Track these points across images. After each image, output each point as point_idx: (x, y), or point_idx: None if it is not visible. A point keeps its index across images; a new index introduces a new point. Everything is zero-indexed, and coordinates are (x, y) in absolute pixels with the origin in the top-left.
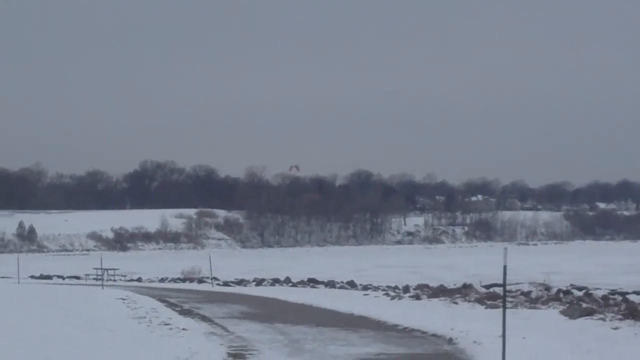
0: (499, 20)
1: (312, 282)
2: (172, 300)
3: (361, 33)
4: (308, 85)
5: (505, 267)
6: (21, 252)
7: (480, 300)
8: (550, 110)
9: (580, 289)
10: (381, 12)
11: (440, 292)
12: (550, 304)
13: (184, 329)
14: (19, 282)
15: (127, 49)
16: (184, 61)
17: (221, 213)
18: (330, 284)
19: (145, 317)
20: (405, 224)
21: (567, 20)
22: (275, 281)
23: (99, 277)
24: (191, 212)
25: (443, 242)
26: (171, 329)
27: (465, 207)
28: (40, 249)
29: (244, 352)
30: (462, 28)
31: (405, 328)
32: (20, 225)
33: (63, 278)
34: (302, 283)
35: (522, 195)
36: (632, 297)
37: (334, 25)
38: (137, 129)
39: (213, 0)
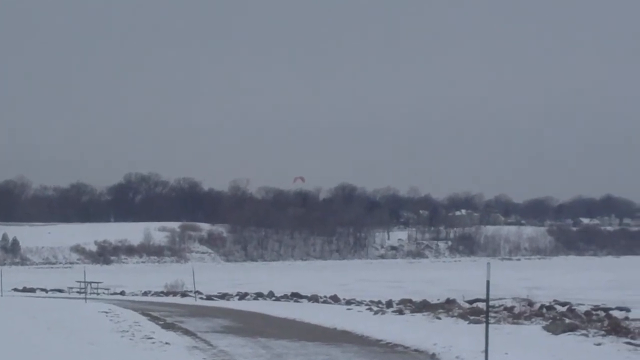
0: (483, 39)
1: (296, 296)
2: (155, 314)
3: (345, 47)
4: (292, 100)
5: (488, 282)
6: (4, 264)
7: (463, 316)
8: (534, 125)
9: (563, 304)
10: (367, 28)
11: (423, 307)
12: (533, 319)
13: (167, 343)
14: (1, 295)
15: (110, 61)
16: (168, 74)
17: (205, 226)
18: (314, 299)
19: (128, 331)
20: (388, 238)
21: (551, 39)
22: (259, 295)
23: (82, 290)
24: (175, 225)
25: (426, 257)
26: (154, 342)
27: (449, 221)
28: (24, 261)
29: None
30: (445, 45)
31: (388, 343)
32: (4, 237)
33: (46, 291)
34: (285, 297)
35: (505, 210)
36: (615, 313)
37: (317, 41)
38: (122, 142)
39: (200, 15)
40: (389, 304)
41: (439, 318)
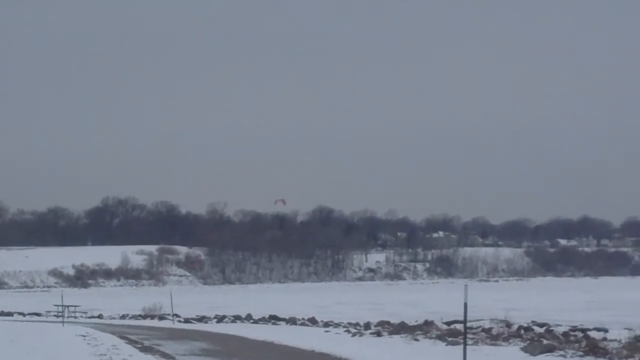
0: (463, 57)
1: (274, 318)
2: (133, 337)
3: (321, 67)
4: (267, 122)
5: (465, 304)
6: None
7: (441, 337)
8: (511, 146)
9: (541, 325)
10: (344, 49)
11: (401, 328)
12: (511, 340)
13: None
14: None
15: (86, 84)
16: (147, 96)
17: (182, 249)
18: (292, 321)
19: (106, 355)
20: (366, 261)
21: (532, 58)
22: (237, 318)
23: (60, 314)
24: (152, 248)
25: (404, 279)
26: None
27: (427, 243)
28: (1, 285)
29: None
30: (424, 64)
31: None
32: None
33: (24, 315)
34: (263, 320)
35: (483, 232)
36: (593, 334)
37: (293, 60)
38: (99, 165)
39: (176, 36)
40: (367, 325)
41: (417, 340)
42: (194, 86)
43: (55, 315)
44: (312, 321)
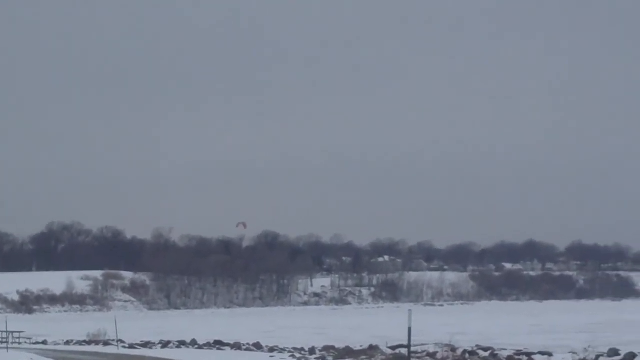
0: (406, 78)
1: (218, 344)
2: None
3: (264, 90)
4: (213, 146)
5: (409, 329)
6: None
7: None
8: (455, 170)
9: (485, 349)
10: (289, 71)
11: (346, 353)
12: None
13: None
14: None
15: (31, 107)
16: (89, 119)
17: (128, 275)
18: (237, 346)
19: None
20: (312, 285)
21: (474, 79)
22: (182, 343)
23: (4, 340)
24: (97, 274)
25: (350, 303)
26: None
27: (372, 267)
28: None
29: None
30: (364, 84)
31: None
32: None
33: None
34: (208, 345)
35: (428, 256)
36: (538, 358)
37: (239, 84)
38: (43, 190)
39: (126, 59)
40: (312, 350)
41: None
42: (138, 114)
43: None
44: (257, 346)
